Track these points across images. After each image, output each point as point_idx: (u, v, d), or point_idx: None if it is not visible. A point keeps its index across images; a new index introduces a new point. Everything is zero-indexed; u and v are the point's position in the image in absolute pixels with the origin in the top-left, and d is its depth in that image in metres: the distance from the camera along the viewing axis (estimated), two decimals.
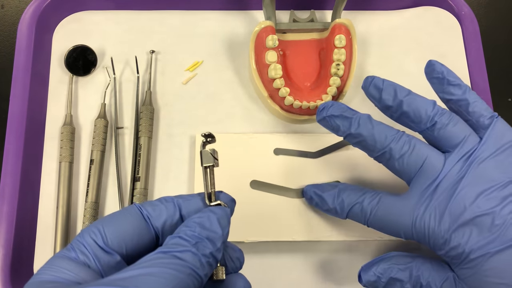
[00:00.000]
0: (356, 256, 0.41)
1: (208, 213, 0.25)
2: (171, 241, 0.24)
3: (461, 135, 0.32)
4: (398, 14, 0.49)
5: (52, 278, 0.22)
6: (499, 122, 0.33)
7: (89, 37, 0.46)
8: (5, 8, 0.54)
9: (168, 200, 0.27)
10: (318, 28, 0.44)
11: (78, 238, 0.25)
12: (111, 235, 0.25)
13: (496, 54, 0.55)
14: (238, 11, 0.48)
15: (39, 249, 0.40)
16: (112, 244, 0.24)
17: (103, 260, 0.24)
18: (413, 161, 0.32)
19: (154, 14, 0.47)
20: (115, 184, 0.42)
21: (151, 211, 0.26)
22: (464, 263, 0.31)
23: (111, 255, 0.24)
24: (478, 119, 0.33)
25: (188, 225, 0.24)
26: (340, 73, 0.41)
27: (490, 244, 0.29)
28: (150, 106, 0.43)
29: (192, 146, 0.43)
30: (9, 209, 0.39)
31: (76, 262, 0.24)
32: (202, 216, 0.25)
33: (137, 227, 0.26)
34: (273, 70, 0.40)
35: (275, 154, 0.41)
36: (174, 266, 0.22)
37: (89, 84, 0.45)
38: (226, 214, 0.26)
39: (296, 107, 0.41)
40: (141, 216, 0.26)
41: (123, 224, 0.25)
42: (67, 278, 0.23)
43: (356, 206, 0.34)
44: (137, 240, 0.25)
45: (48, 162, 0.42)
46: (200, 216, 0.25)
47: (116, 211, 0.27)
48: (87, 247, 0.24)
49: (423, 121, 0.33)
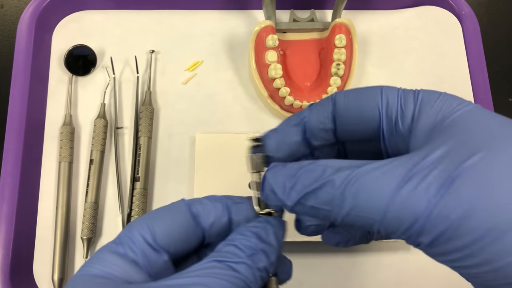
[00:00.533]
0: (357, 256, 0.41)
1: (265, 223, 0.24)
2: (225, 248, 0.22)
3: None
4: (399, 13, 0.49)
5: (102, 273, 0.21)
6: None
7: (88, 37, 0.46)
8: (5, 8, 0.54)
9: (217, 199, 0.25)
10: (318, 28, 0.44)
11: (127, 232, 0.23)
12: (160, 233, 0.23)
13: (497, 54, 0.55)
14: (238, 10, 0.48)
15: (38, 249, 0.40)
16: (161, 242, 0.23)
17: (151, 259, 0.23)
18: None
19: (154, 14, 0.47)
20: (114, 184, 0.42)
21: (201, 210, 0.24)
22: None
23: (159, 253, 0.23)
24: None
25: (244, 233, 0.23)
26: (340, 72, 0.41)
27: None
28: (150, 106, 0.43)
29: (192, 146, 0.43)
30: (8, 209, 0.39)
31: (124, 259, 0.22)
32: (258, 226, 0.23)
33: (186, 225, 0.24)
34: (273, 70, 0.40)
35: None
36: (229, 278, 0.21)
37: (88, 84, 0.45)
38: (282, 226, 0.24)
39: (296, 107, 0.40)
40: (190, 214, 0.24)
41: (172, 221, 0.24)
42: (117, 275, 0.21)
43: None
44: (184, 239, 0.24)
45: (47, 162, 0.42)
46: (256, 226, 0.23)
47: (163, 206, 0.25)
48: (136, 243, 0.23)
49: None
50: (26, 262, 0.40)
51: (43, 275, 0.39)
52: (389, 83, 0.48)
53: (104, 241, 0.40)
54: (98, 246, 0.40)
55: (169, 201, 0.43)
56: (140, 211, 0.40)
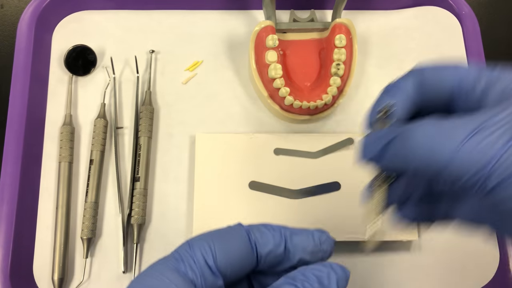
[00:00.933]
0: (357, 256, 0.41)
1: (329, 269, 0.23)
2: (284, 287, 0.22)
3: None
4: (399, 13, 0.49)
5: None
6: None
7: (88, 37, 0.46)
8: (5, 8, 0.54)
9: (275, 229, 0.25)
10: (318, 28, 0.44)
11: (188, 249, 0.23)
12: (220, 256, 0.23)
13: (497, 54, 0.55)
14: (238, 10, 0.48)
15: (38, 249, 0.40)
16: (220, 266, 0.23)
17: (208, 282, 0.23)
18: None
19: (154, 13, 0.47)
20: (114, 184, 0.42)
21: (259, 237, 0.24)
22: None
23: (217, 277, 0.23)
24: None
25: (306, 275, 0.23)
26: (340, 73, 0.41)
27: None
28: (150, 106, 0.43)
29: (192, 146, 0.43)
30: (8, 209, 0.39)
31: (184, 278, 0.22)
32: (322, 270, 0.23)
33: (244, 251, 0.24)
34: (273, 70, 0.40)
35: (275, 154, 0.41)
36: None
37: (88, 84, 0.45)
38: (346, 277, 0.24)
39: (296, 107, 0.40)
40: (249, 240, 0.24)
41: (231, 245, 0.24)
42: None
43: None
44: (240, 265, 0.24)
45: (47, 162, 0.42)
46: (320, 270, 0.23)
47: (222, 228, 0.25)
48: (197, 263, 0.23)
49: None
50: (26, 262, 0.40)
51: (43, 275, 0.39)
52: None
53: (104, 241, 0.40)
54: (98, 246, 0.40)
55: (169, 201, 0.43)
56: (140, 211, 0.40)
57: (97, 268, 0.40)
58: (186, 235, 0.41)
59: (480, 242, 0.42)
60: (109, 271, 0.40)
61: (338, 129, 0.44)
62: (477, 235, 0.27)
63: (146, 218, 0.41)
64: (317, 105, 0.40)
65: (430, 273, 0.41)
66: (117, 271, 0.40)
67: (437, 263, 0.41)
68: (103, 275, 0.40)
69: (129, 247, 0.40)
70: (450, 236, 0.42)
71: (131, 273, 0.40)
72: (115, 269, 0.40)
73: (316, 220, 0.39)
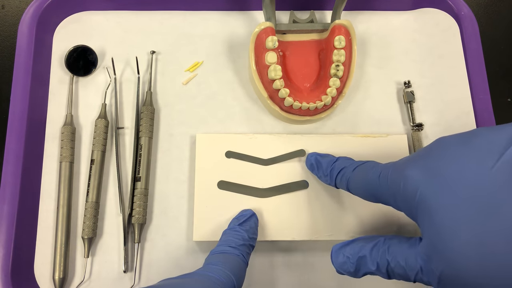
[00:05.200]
0: None
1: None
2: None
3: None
4: (398, 15, 0.49)
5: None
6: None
7: (89, 38, 0.46)
8: (6, 9, 0.54)
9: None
10: (318, 29, 0.44)
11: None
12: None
13: (496, 54, 0.55)
14: (238, 11, 0.48)
15: (39, 248, 0.40)
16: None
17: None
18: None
19: (154, 14, 0.48)
20: (115, 184, 0.42)
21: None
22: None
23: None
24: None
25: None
26: (340, 74, 0.41)
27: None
28: (151, 106, 0.43)
29: (192, 146, 0.43)
30: (9, 209, 0.40)
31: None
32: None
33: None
34: (273, 71, 0.40)
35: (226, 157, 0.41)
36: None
37: (89, 84, 0.45)
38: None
39: (295, 108, 0.41)
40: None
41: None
42: None
43: (342, 170, 0.36)
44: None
45: (48, 162, 0.43)
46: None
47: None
48: None
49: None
50: (27, 261, 0.40)
51: (44, 275, 0.40)
52: (388, 84, 0.48)
53: (105, 241, 0.41)
54: (99, 246, 0.41)
55: (169, 201, 0.43)
56: (141, 210, 0.40)
57: (98, 267, 0.40)
58: (186, 235, 0.41)
59: None
60: (110, 270, 0.40)
61: (337, 129, 0.44)
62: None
63: (147, 217, 0.41)
64: (317, 106, 0.40)
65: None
66: (118, 271, 0.40)
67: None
68: (104, 275, 0.40)
69: (130, 247, 0.40)
70: None
71: (132, 272, 0.40)
72: (116, 268, 0.40)
73: (317, 219, 0.40)
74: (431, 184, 0.26)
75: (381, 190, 0.31)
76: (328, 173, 0.37)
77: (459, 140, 0.27)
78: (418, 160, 0.28)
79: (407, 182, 0.28)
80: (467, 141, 0.26)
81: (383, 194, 0.31)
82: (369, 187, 0.32)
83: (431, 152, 0.28)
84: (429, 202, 0.26)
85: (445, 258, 0.25)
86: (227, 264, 0.32)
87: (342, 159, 0.37)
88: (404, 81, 0.45)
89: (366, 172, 0.32)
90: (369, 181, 0.32)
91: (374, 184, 0.31)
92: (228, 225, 0.37)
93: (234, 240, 0.35)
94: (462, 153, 0.26)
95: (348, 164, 0.35)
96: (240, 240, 0.35)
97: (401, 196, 0.29)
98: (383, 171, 0.31)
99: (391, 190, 0.29)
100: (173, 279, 0.30)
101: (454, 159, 0.26)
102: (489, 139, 0.25)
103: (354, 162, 0.36)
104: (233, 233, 0.35)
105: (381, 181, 0.30)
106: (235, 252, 0.33)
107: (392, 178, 0.29)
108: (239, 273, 0.32)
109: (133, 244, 0.40)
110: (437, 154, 0.27)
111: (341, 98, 0.43)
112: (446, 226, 0.25)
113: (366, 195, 0.33)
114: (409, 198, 0.28)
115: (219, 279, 0.30)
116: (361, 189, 0.33)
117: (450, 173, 0.26)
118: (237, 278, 0.31)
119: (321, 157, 0.39)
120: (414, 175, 0.27)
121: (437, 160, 0.27)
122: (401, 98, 0.46)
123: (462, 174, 0.25)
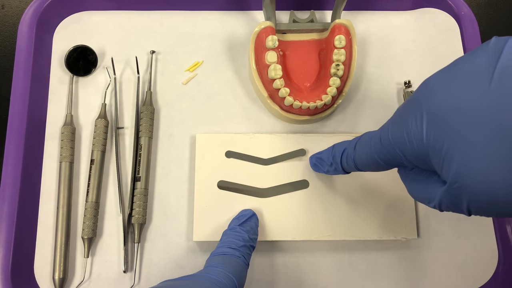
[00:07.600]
0: (356, 256, 0.41)
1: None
2: None
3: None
4: (398, 15, 0.49)
5: None
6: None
7: (89, 38, 0.46)
8: (6, 9, 0.54)
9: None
10: (318, 29, 0.44)
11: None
12: None
13: None
14: (238, 11, 0.48)
15: (39, 248, 0.40)
16: None
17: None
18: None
19: (154, 14, 0.48)
20: (115, 184, 0.42)
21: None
22: None
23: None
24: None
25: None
26: (340, 73, 0.41)
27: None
28: (151, 106, 0.43)
29: (192, 146, 0.43)
30: (9, 209, 0.40)
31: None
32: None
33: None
34: (273, 70, 0.40)
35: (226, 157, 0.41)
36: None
37: (89, 84, 0.45)
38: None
39: (296, 108, 0.41)
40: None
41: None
42: None
43: (344, 152, 0.35)
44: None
45: (48, 162, 0.42)
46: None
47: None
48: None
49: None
50: (27, 261, 0.40)
51: (44, 275, 0.40)
52: (388, 84, 0.48)
53: (105, 241, 0.41)
54: (99, 246, 0.41)
55: (169, 201, 0.43)
56: (141, 210, 0.40)
57: (98, 267, 0.40)
58: (186, 234, 0.41)
59: (479, 241, 0.42)
60: (109, 270, 0.40)
61: (337, 129, 0.44)
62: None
63: (147, 217, 0.41)
64: (317, 106, 0.40)
65: (429, 272, 0.41)
66: (118, 271, 0.40)
67: (437, 262, 0.41)
68: (104, 275, 0.40)
69: (130, 247, 0.40)
70: (449, 236, 0.42)
71: (132, 272, 0.40)
72: (116, 268, 0.40)
73: (318, 219, 0.40)
74: (435, 123, 0.26)
75: (387, 152, 0.30)
76: (332, 162, 0.37)
77: (443, 74, 0.27)
78: (411, 105, 0.28)
79: (409, 132, 0.27)
80: (451, 72, 0.27)
81: (391, 154, 0.30)
82: (376, 156, 0.31)
83: (419, 94, 0.28)
84: (440, 139, 0.25)
85: (473, 192, 0.24)
86: (228, 266, 0.32)
87: (338, 144, 0.37)
88: (404, 81, 0.45)
89: (367, 143, 0.32)
90: (373, 150, 0.31)
91: (379, 150, 0.31)
92: (228, 225, 0.37)
93: (234, 241, 0.34)
94: (452, 83, 0.26)
95: (347, 145, 0.35)
96: (241, 241, 0.35)
97: (408, 148, 0.28)
98: (382, 134, 0.30)
99: (397, 147, 0.29)
100: (174, 281, 0.30)
101: (448, 92, 0.26)
102: (471, 62, 0.26)
103: (350, 141, 0.35)
104: (233, 234, 0.35)
105: (384, 143, 0.30)
106: (236, 254, 0.33)
107: (393, 135, 0.29)
108: (240, 274, 0.32)
109: (133, 244, 0.40)
110: (425, 92, 0.27)
111: (341, 98, 0.43)
112: (469, 159, 0.24)
113: (376, 165, 0.32)
114: (416, 147, 0.27)
115: (220, 281, 0.30)
116: (369, 162, 0.32)
117: (449, 106, 0.25)
118: (238, 279, 0.31)
119: (319, 154, 0.39)
120: (413, 122, 0.27)
121: (431, 98, 0.26)
122: (401, 98, 0.46)
123: (463, 103, 0.25)
